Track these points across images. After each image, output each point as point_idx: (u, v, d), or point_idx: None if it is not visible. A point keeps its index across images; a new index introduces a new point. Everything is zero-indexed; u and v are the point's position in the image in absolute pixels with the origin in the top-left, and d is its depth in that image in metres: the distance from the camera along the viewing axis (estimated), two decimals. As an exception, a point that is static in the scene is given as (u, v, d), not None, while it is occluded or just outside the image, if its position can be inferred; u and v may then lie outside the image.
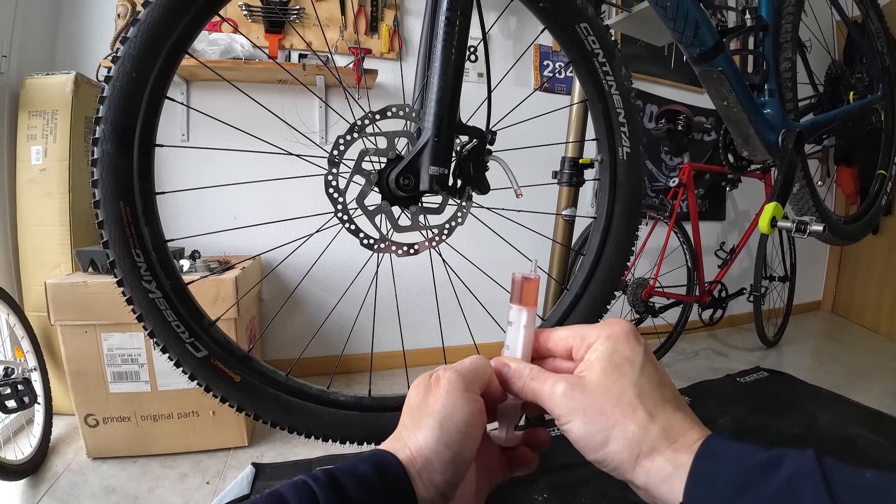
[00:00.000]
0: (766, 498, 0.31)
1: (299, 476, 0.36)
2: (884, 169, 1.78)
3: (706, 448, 0.35)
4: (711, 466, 0.34)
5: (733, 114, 1.24)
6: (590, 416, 0.37)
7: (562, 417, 0.39)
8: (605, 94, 0.95)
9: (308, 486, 0.35)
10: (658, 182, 3.01)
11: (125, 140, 0.69)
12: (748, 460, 0.33)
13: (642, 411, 0.37)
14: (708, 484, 0.33)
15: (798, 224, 1.21)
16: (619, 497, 1.43)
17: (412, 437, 0.38)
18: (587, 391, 0.38)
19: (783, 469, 0.31)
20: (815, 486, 0.30)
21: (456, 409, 0.39)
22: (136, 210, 0.70)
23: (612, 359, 0.39)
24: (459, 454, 0.38)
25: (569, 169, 1.44)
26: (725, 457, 0.34)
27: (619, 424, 0.37)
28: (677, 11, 1.06)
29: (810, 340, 3.30)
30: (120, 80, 0.68)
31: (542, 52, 2.65)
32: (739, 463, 0.33)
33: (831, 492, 0.29)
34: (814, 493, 0.29)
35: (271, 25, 2.18)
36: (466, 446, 0.39)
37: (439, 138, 0.72)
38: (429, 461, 0.37)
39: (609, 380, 0.38)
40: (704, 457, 0.34)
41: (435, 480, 0.37)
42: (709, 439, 0.36)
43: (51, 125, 1.79)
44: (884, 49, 1.72)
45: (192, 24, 0.72)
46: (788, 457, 0.32)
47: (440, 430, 0.38)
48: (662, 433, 0.36)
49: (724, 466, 0.34)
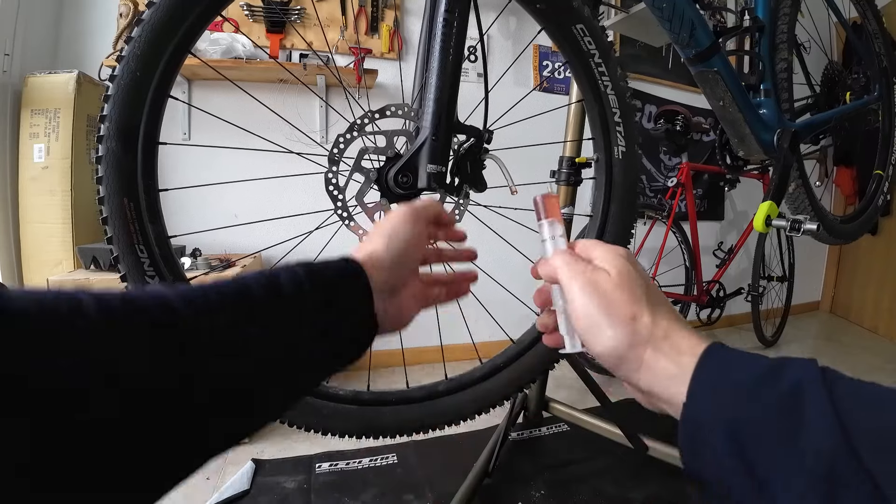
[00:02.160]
0: (770, 402, 0.31)
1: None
2: (881, 169, 1.79)
3: (710, 353, 0.36)
4: (715, 370, 0.35)
5: (729, 114, 1.25)
6: (603, 301, 0.40)
7: (574, 305, 0.41)
8: (600, 95, 0.97)
9: (291, 270, 0.42)
10: (656, 182, 3.02)
11: (129, 138, 0.71)
12: (752, 366, 0.34)
13: (646, 312, 0.39)
14: (711, 387, 0.34)
15: (792, 223, 1.23)
16: (616, 494, 1.45)
17: (368, 245, 0.50)
18: (603, 283, 0.41)
19: (786, 375, 0.32)
20: (817, 392, 0.30)
21: (400, 229, 0.51)
22: (140, 206, 0.72)
23: (625, 267, 0.42)
24: (401, 261, 0.50)
25: (566, 168, 1.45)
26: (729, 362, 0.35)
27: (625, 315, 0.39)
28: (673, 13, 1.08)
29: (809, 341, 3.30)
30: (124, 79, 0.69)
31: (542, 52, 2.67)
32: (743, 368, 0.34)
33: (832, 397, 0.30)
34: (816, 398, 0.30)
35: (272, 25, 2.19)
36: (408, 256, 0.51)
37: (437, 137, 0.74)
38: (379, 259, 0.48)
39: (621, 278, 0.40)
40: (708, 361, 0.35)
41: (383, 274, 0.47)
42: (714, 345, 0.37)
43: (53, 123, 1.81)
44: (881, 50, 1.73)
45: (196, 24, 0.73)
46: (792, 364, 0.33)
47: (388, 240, 0.50)
48: (665, 335, 0.38)
49: (727, 371, 0.34)
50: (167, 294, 0.34)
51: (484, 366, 0.99)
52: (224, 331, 0.35)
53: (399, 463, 1.59)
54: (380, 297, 0.47)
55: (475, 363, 1.03)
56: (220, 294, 0.36)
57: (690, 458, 0.35)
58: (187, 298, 0.34)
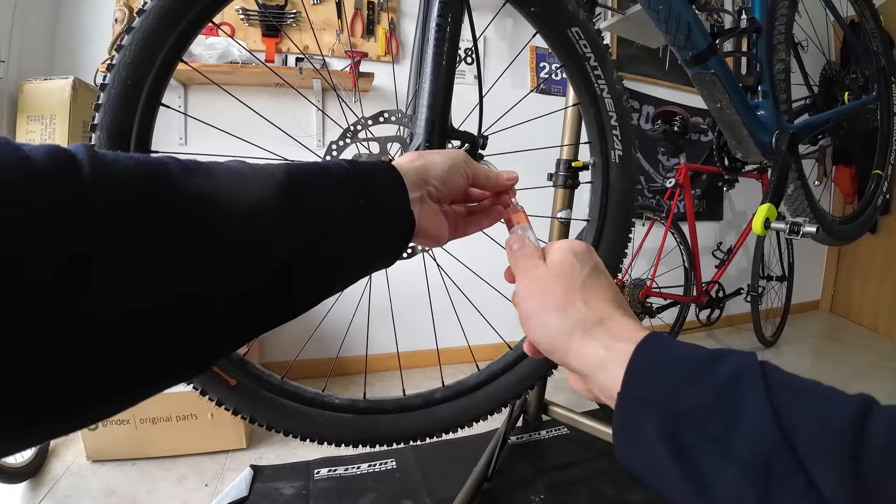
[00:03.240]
0: (707, 391, 0.31)
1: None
2: (880, 169, 1.78)
3: (649, 341, 0.35)
4: (654, 356, 0.34)
5: (727, 116, 1.24)
6: (537, 291, 0.42)
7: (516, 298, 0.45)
8: (596, 98, 0.96)
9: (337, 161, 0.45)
10: (655, 183, 3.02)
11: (121, 147, 0.70)
12: (691, 355, 0.33)
13: (580, 299, 0.40)
14: (648, 374, 0.34)
15: (791, 225, 1.22)
16: (615, 497, 1.44)
17: (411, 156, 0.50)
18: (541, 272, 0.43)
19: (725, 365, 0.32)
20: (755, 384, 0.30)
21: (442, 156, 0.51)
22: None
23: (566, 258, 0.43)
24: (435, 175, 0.49)
25: (563, 171, 1.45)
26: (668, 350, 0.34)
27: (557, 303, 0.40)
28: (669, 14, 1.07)
29: (809, 340, 3.30)
30: (115, 88, 0.69)
31: (539, 53, 2.66)
32: (681, 357, 0.33)
33: (770, 390, 0.29)
34: (754, 390, 0.29)
35: (268, 29, 2.19)
36: (444, 174, 0.49)
37: (431, 143, 0.73)
38: (413, 166, 0.48)
39: (560, 269, 0.43)
40: (646, 348, 0.35)
41: (414, 176, 0.47)
42: (653, 333, 0.36)
43: (49, 130, 1.80)
44: (879, 49, 1.72)
45: (187, 31, 0.72)
46: (731, 355, 0.32)
47: (423, 156, 0.50)
48: (599, 321, 0.39)
49: (665, 359, 0.34)
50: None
51: (481, 372, 0.98)
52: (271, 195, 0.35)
53: (398, 468, 1.59)
54: (416, 195, 0.47)
55: (472, 367, 1.02)
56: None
57: (622, 446, 0.35)
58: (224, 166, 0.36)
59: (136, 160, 0.29)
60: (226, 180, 0.34)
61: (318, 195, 0.39)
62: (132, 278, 0.26)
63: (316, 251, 0.38)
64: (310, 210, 0.38)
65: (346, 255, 0.41)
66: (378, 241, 0.44)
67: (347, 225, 0.40)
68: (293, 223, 0.36)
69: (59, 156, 0.26)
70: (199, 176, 0.32)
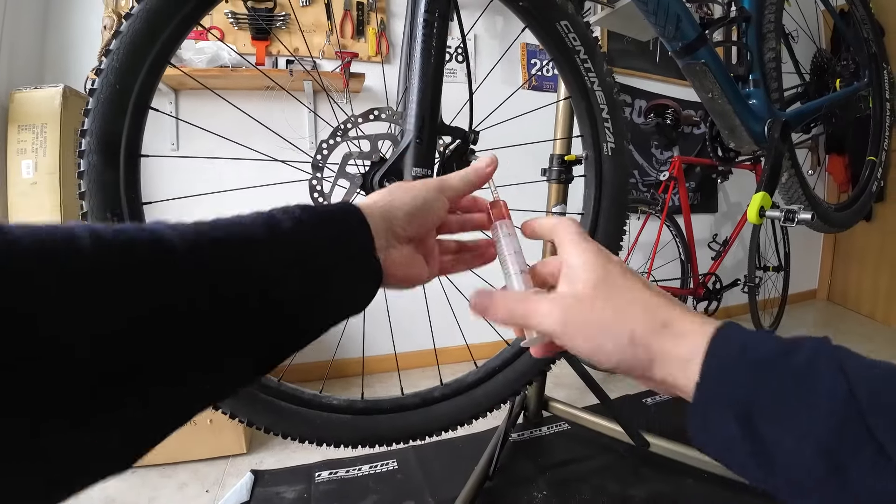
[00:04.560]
0: (783, 377, 0.31)
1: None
2: (874, 155, 1.79)
3: (722, 332, 0.35)
4: (727, 348, 0.34)
5: (718, 106, 1.24)
6: (590, 333, 0.37)
7: (562, 340, 0.39)
8: (587, 91, 0.96)
9: (286, 208, 0.39)
10: (649, 176, 3.02)
11: (111, 151, 0.70)
12: (766, 344, 0.33)
13: (640, 312, 0.37)
14: (724, 366, 0.33)
15: (787, 213, 1.22)
16: (618, 491, 1.44)
17: (369, 197, 0.47)
18: (580, 309, 0.38)
19: (800, 351, 0.32)
20: (830, 366, 0.30)
21: (413, 189, 0.47)
22: (124, 221, 0.71)
23: (594, 271, 0.39)
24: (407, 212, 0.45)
25: (557, 166, 1.44)
26: (742, 339, 0.34)
27: (622, 331, 0.36)
28: (658, 6, 1.07)
29: (807, 329, 3.31)
30: (104, 93, 0.69)
31: (530, 49, 2.66)
32: (757, 346, 0.33)
33: (845, 370, 0.30)
34: (829, 371, 0.30)
35: (258, 32, 2.18)
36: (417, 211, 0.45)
37: (421, 140, 0.73)
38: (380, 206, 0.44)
39: (597, 291, 0.38)
40: (720, 340, 0.34)
41: (382, 222, 0.43)
42: (722, 326, 0.35)
43: (40, 139, 1.79)
44: (869, 36, 1.72)
45: (174, 34, 0.72)
46: (806, 341, 0.32)
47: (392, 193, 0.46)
48: (666, 328, 0.36)
49: (740, 348, 0.33)
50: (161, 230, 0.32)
51: (479, 370, 0.98)
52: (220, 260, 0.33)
53: (399, 469, 1.58)
54: (382, 241, 0.43)
55: (470, 365, 1.02)
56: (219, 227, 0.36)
57: (699, 433, 0.34)
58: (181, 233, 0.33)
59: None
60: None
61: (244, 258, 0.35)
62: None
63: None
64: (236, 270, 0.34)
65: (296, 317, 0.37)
66: (334, 299, 0.40)
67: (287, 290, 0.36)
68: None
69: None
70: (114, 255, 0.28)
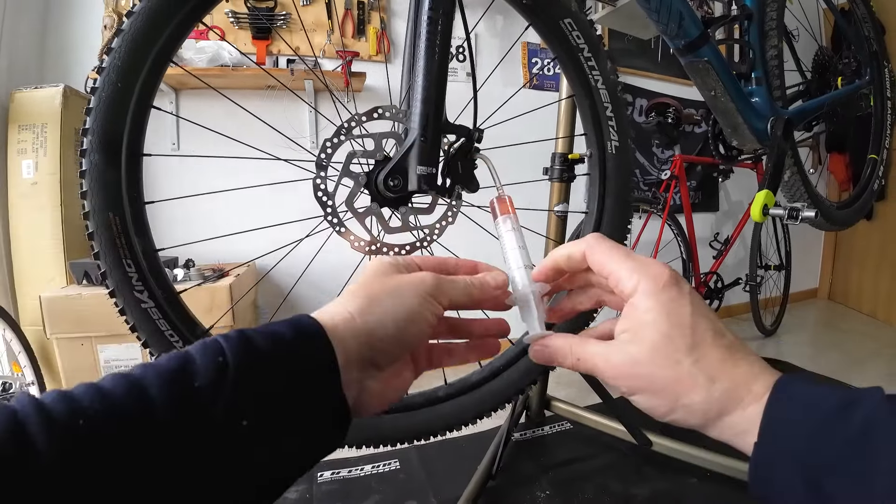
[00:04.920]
0: (842, 443, 0.31)
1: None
2: (875, 153, 1.78)
3: (776, 395, 0.34)
4: (783, 412, 0.34)
5: (721, 104, 1.24)
6: (651, 392, 0.37)
7: (623, 392, 0.39)
8: (591, 89, 0.96)
9: (216, 343, 0.32)
10: (650, 175, 3.02)
11: (113, 150, 0.69)
12: (823, 403, 0.33)
13: (703, 379, 0.35)
14: (783, 427, 0.33)
15: (790, 210, 1.22)
16: (620, 490, 1.43)
17: (350, 304, 0.38)
18: (642, 367, 0.37)
19: (857, 412, 0.31)
20: (888, 429, 0.30)
21: (416, 300, 0.39)
22: (126, 220, 0.71)
23: (660, 328, 0.37)
24: (406, 336, 0.38)
25: (559, 165, 1.44)
26: (797, 401, 0.34)
27: (682, 397, 0.36)
28: (661, 4, 1.07)
29: (808, 328, 3.31)
30: (106, 91, 0.68)
31: (531, 49, 2.66)
32: (812, 406, 0.33)
33: None
34: (887, 435, 0.30)
35: (258, 32, 2.18)
36: (416, 330, 0.39)
37: (426, 138, 0.72)
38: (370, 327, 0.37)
39: (661, 354, 0.36)
40: (775, 404, 0.34)
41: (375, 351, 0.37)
42: (779, 385, 0.35)
43: (41, 139, 1.79)
44: (870, 34, 1.72)
45: (176, 32, 0.72)
46: (862, 399, 0.32)
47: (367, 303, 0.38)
48: (727, 394, 0.35)
49: (796, 410, 0.33)
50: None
51: (483, 369, 0.98)
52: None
53: (401, 468, 1.58)
54: (353, 374, 0.36)
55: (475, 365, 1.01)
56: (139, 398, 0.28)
57: (762, 492, 0.34)
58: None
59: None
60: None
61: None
62: None
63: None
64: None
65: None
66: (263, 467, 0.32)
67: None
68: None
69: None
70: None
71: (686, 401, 0.36)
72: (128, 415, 0.28)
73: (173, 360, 0.31)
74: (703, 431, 0.37)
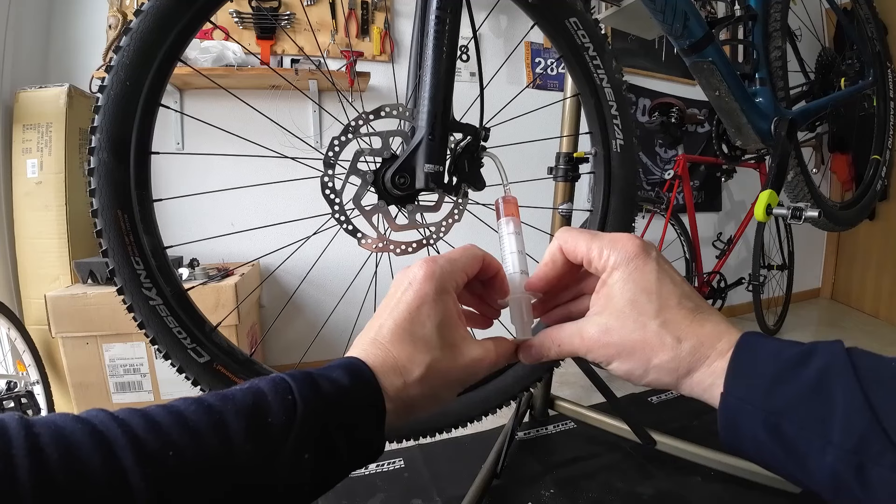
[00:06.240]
0: (799, 389, 0.33)
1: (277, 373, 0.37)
2: (878, 154, 1.78)
3: (740, 349, 0.36)
4: (746, 364, 0.36)
5: (725, 104, 1.24)
6: (624, 356, 0.39)
7: (600, 361, 0.41)
8: (596, 88, 0.96)
9: (285, 382, 0.35)
10: (653, 175, 3.02)
11: (121, 149, 0.70)
12: (782, 354, 0.35)
13: (670, 339, 0.38)
14: (746, 378, 0.35)
15: (793, 210, 1.22)
16: (625, 489, 1.44)
17: (392, 352, 0.40)
18: (612, 334, 0.40)
19: (814, 360, 0.33)
20: (844, 374, 0.32)
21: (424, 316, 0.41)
22: (135, 218, 0.71)
23: (626, 295, 0.40)
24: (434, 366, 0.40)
25: (564, 164, 1.44)
26: (759, 353, 0.36)
27: (653, 358, 0.38)
28: (665, 4, 1.07)
29: (810, 328, 3.30)
30: (114, 90, 0.68)
31: (534, 49, 2.66)
32: (773, 357, 0.35)
33: (859, 377, 0.31)
34: (844, 380, 0.31)
35: (263, 31, 2.18)
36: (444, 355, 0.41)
37: (433, 136, 0.72)
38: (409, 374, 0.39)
39: (630, 319, 0.39)
40: (739, 357, 0.36)
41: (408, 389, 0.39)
42: (742, 340, 0.37)
43: (45, 138, 1.79)
44: (874, 34, 1.72)
45: (184, 31, 0.72)
46: (819, 349, 0.34)
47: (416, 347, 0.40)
48: (694, 352, 0.38)
49: (758, 361, 0.35)
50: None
51: (488, 366, 0.98)
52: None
53: (406, 467, 1.58)
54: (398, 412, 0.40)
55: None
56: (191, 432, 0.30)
57: (729, 439, 0.37)
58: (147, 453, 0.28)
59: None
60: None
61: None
62: None
63: None
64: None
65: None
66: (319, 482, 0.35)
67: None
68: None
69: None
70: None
71: (657, 361, 0.38)
72: (212, 449, 0.30)
73: (248, 394, 0.34)
74: (676, 390, 0.40)
